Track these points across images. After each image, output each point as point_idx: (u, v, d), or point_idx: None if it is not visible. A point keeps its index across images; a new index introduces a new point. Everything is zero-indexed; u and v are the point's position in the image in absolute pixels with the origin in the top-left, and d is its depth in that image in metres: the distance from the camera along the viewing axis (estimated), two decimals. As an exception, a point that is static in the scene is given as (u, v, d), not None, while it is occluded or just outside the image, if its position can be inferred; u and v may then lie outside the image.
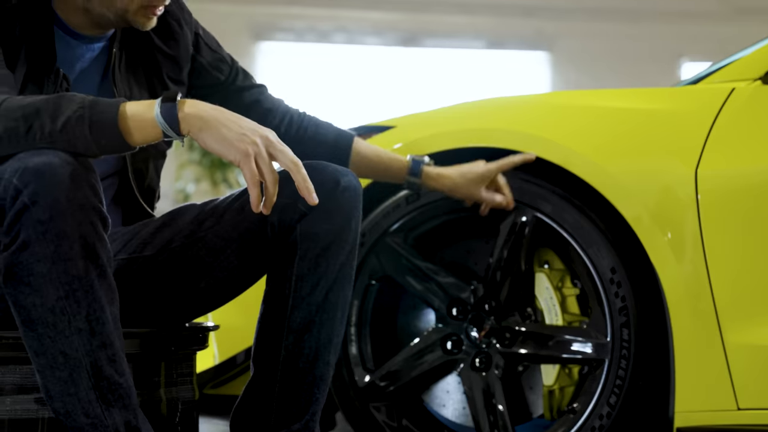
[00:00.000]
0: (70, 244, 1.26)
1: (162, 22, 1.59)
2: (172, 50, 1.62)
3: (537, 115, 1.93)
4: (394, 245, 1.95)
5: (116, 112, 1.30)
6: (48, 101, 1.30)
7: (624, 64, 7.68)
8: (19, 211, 1.26)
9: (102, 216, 1.30)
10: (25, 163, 1.26)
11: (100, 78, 1.56)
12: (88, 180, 1.29)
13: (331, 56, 7.73)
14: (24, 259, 1.27)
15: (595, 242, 1.80)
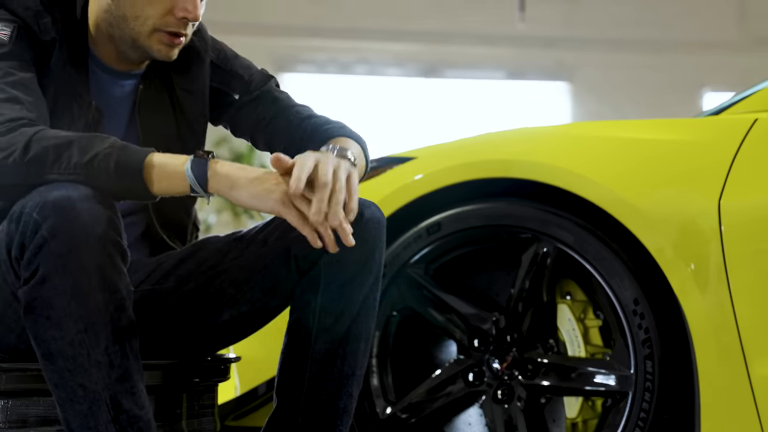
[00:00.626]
0: (88, 277, 1.27)
1: (183, 58, 1.60)
2: (193, 85, 1.62)
3: (559, 147, 1.93)
4: (415, 276, 1.94)
5: (143, 159, 1.32)
6: (82, 137, 1.33)
7: (645, 94, 7.68)
8: (38, 245, 1.27)
9: (121, 249, 1.31)
10: (44, 197, 1.28)
11: (129, 114, 1.57)
12: (107, 214, 1.30)
13: (352, 87, 7.78)
14: (44, 293, 1.27)
15: (617, 273, 1.79)
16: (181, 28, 1.49)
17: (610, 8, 7.70)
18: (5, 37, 1.43)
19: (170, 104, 1.60)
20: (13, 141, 1.32)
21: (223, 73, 1.66)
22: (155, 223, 1.59)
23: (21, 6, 1.46)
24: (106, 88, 1.54)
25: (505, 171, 1.89)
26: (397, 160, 2.01)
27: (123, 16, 1.48)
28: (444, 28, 7.61)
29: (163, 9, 1.47)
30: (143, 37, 1.49)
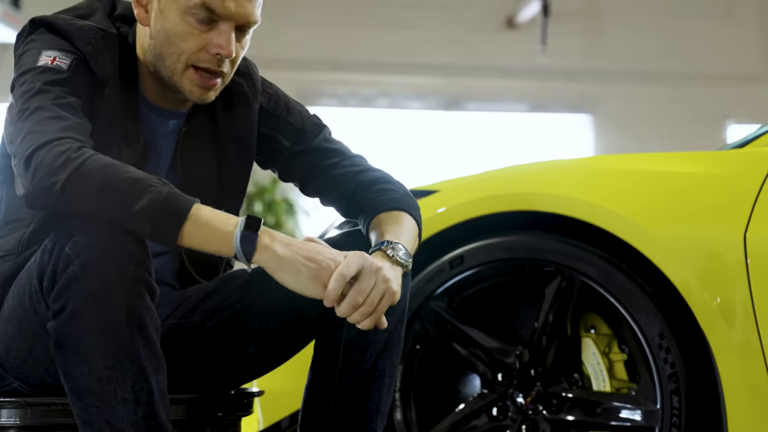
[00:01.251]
0: (117, 315, 1.28)
1: (230, 102, 1.60)
2: (237, 131, 1.60)
3: (582, 180, 1.93)
4: (438, 310, 1.94)
5: (181, 226, 1.30)
6: (125, 179, 1.30)
7: (668, 126, 7.66)
8: (69, 279, 1.28)
9: (150, 288, 1.32)
10: (77, 232, 1.29)
11: (172, 154, 1.57)
12: (137, 252, 1.30)
13: (374, 120, 7.81)
14: (73, 328, 1.28)
15: (642, 307, 1.77)
16: (214, 64, 1.47)
17: (633, 41, 7.71)
18: (64, 65, 1.43)
19: (213, 148, 1.59)
20: (59, 167, 1.30)
21: (274, 119, 1.63)
22: (187, 262, 1.59)
23: (82, 41, 1.47)
24: (152, 126, 1.54)
25: (528, 204, 1.88)
26: (420, 193, 2.01)
27: (160, 54, 1.48)
28: (465, 61, 7.65)
29: (196, 45, 1.46)
30: (177, 76, 1.48)
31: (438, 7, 7.61)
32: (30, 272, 1.36)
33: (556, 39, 7.14)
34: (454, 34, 7.62)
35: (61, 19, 1.49)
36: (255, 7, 1.48)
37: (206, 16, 1.45)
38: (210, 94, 1.51)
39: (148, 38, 1.50)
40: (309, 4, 7.48)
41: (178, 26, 1.46)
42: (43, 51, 1.45)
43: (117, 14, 1.56)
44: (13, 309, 1.40)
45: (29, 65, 1.44)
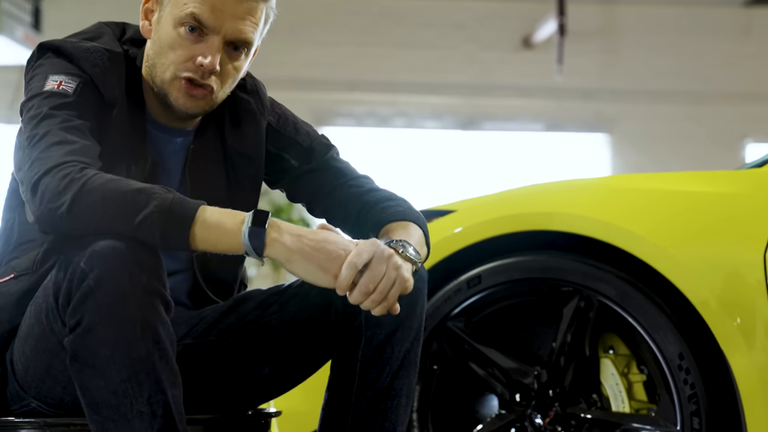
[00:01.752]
0: (132, 327, 1.28)
1: (238, 118, 1.62)
2: (245, 148, 1.61)
3: (599, 199, 1.93)
4: (456, 330, 1.93)
5: (189, 227, 1.31)
6: (128, 192, 1.31)
7: (686, 146, 7.63)
8: (84, 294, 1.28)
9: (165, 300, 1.32)
10: (92, 247, 1.30)
11: (181, 171, 1.58)
12: (151, 265, 1.31)
13: (390, 140, 7.83)
14: (89, 342, 1.29)
15: (661, 327, 1.76)
16: (198, 76, 1.47)
17: (649, 60, 7.70)
18: (70, 89, 1.45)
19: (222, 164, 1.59)
20: (62, 190, 1.32)
21: (281, 138, 1.64)
22: (201, 281, 1.59)
23: (89, 63, 1.48)
24: (159, 144, 1.56)
25: (545, 224, 1.88)
26: (437, 212, 2.01)
27: (154, 64, 1.51)
28: (482, 80, 7.67)
29: (184, 55, 1.48)
30: (166, 85, 1.49)
31: (454, 26, 7.63)
32: (46, 290, 1.37)
33: (573, 58, 7.15)
34: (471, 54, 7.64)
35: (68, 42, 1.51)
36: (246, 24, 1.48)
37: (196, 28, 1.47)
38: (198, 103, 1.51)
39: (149, 50, 1.52)
40: (325, 24, 7.52)
41: (170, 36, 1.48)
42: (50, 75, 1.46)
43: (126, 38, 1.58)
44: (31, 328, 1.40)
45: (36, 90, 1.46)
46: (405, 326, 1.45)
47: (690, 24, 7.69)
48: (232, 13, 1.47)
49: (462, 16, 7.62)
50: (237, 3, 1.47)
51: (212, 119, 1.59)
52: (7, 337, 1.45)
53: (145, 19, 1.53)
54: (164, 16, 1.49)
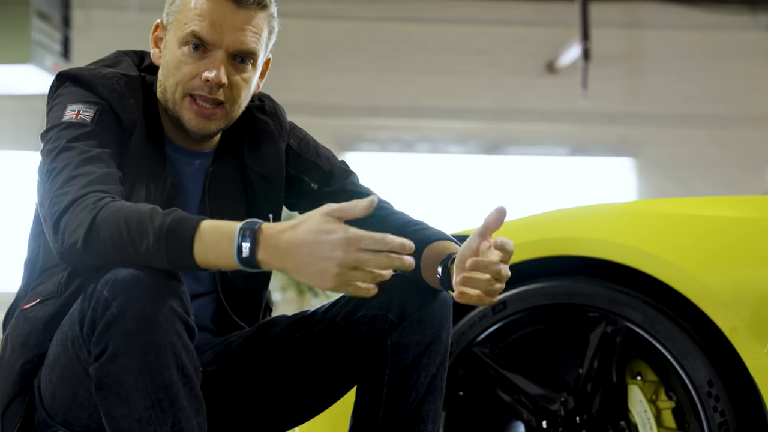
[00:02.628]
0: (156, 354, 1.28)
1: (256, 139, 1.63)
2: (264, 169, 1.62)
3: (625, 224, 1.91)
4: (481, 356, 1.92)
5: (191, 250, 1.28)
6: (130, 218, 1.31)
7: (712, 170, 7.58)
8: (108, 322, 1.29)
9: (189, 326, 1.32)
10: (114, 275, 1.30)
11: (201, 193, 1.59)
12: (174, 291, 1.31)
13: (414, 165, 7.84)
14: (113, 370, 1.29)
15: (689, 353, 1.74)
16: (206, 91, 1.49)
17: (674, 84, 7.68)
18: (87, 118, 1.47)
19: (241, 185, 1.61)
20: (77, 227, 1.33)
21: (302, 161, 1.66)
22: (225, 305, 1.60)
23: (107, 88, 1.51)
24: (178, 167, 1.57)
25: (570, 249, 1.87)
26: (462, 238, 2.00)
27: (164, 87, 1.53)
28: (506, 105, 7.67)
29: (189, 73, 1.50)
30: (177, 106, 1.51)
31: (477, 52, 7.66)
32: (72, 318, 1.38)
33: (597, 83, 7.14)
34: (495, 79, 7.65)
35: (85, 70, 1.53)
36: (247, 35, 1.50)
37: (198, 45, 1.49)
38: (210, 124, 1.52)
39: (159, 76, 1.54)
40: (348, 51, 7.57)
41: (176, 56, 1.51)
42: (68, 105, 1.48)
43: (144, 65, 1.61)
44: (57, 356, 1.41)
45: (55, 121, 1.48)
46: (431, 351, 1.44)
47: (715, 48, 7.67)
48: (231, 25, 1.49)
49: (484, 42, 7.64)
50: (234, 14, 1.49)
51: (231, 140, 1.61)
52: (36, 362, 1.46)
53: (155, 46, 1.57)
54: (169, 40, 1.53)
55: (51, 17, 5.11)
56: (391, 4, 7.51)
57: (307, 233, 1.25)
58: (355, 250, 1.23)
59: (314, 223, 1.25)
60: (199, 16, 1.48)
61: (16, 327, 1.49)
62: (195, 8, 1.49)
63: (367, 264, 1.23)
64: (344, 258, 1.22)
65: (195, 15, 1.49)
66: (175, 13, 1.52)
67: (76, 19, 5.68)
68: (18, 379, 1.46)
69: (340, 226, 1.25)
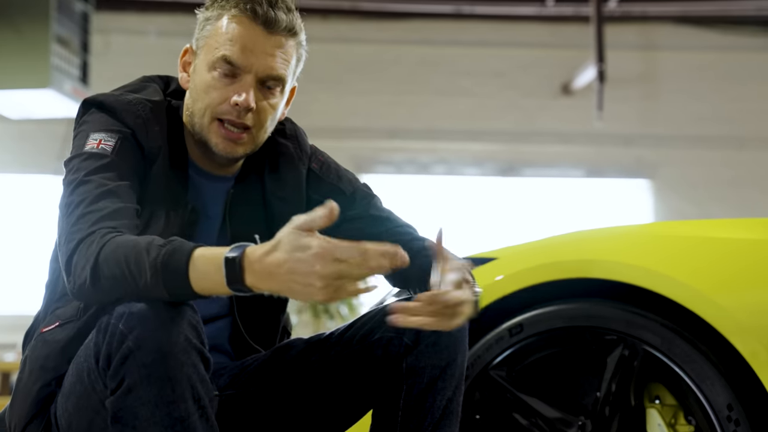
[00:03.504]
0: (172, 386, 1.28)
1: (276, 163, 1.64)
2: (284, 193, 1.63)
3: (642, 246, 1.91)
4: (498, 378, 1.91)
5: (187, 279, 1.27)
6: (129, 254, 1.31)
7: (729, 191, 7.54)
8: (124, 355, 1.29)
9: (204, 357, 1.32)
10: (129, 308, 1.30)
11: (221, 217, 1.60)
12: (189, 321, 1.31)
13: (431, 187, 7.84)
14: (129, 403, 1.29)
15: (708, 377, 1.73)
16: (234, 115, 1.50)
17: (689, 106, 7.66)
18: (108, 148, 1.48)
19: (262, 209, 1.61)
20: (83, 267, 1.34)
21: (323, 184, 1.66)
22: (242, 328, 1.60)
23: (131, 115, 1.52)
24: (201, 190, 1.58)
25: (587, 271, 1.86)
26: (478, 260, 2.01)
27: (192, 111, 1.54)
28: (521, 127, 7.67)
29: (219, 97, 1.51)
30: (205, 130, 1.52)
31: (493, 74, 7.67)
32: (87, 350, 1.38)
33: (613, 104, 7.13)
34: (510, 101, 7.66)
35: (110, 96, 1.54)
36: (277, 61, 1.51)
37: (228, 70, 1.50)
38: (237, 148, 1.53)
39: (187, 101, 1.55)
40: (364, 74, 7.61)
41: (205, 80, 1.51)
42: (91, 134, 1.49)
43: (170, 90, 1.62)
44: (73, 386, 1.42)
45: (77, 150, 1.49)
46: (447, 375, 1.44)
47: (730, 69, 7.65)
48: (261, 50, 1.50)
49: (500, 64, 7.66)
50: (265, 39, 1.50)
51: (252, 164, 1.61)
52: (53, 386, 1.47)
53: (183, 71, 1.58)
54: (199, 64, 1.54)
55: (70, 42, 5.17)
56: (409, 27, 7.55)
57: (284, 252, 1.23)
58: (331, 261, 1.20)
59: (287, 240, 1.23)
60: (231, 41, 1.50)
61: (34, 349, 1.50)
62: (226, 33, 1.50)
63: (349, 273, 1.21)
64: (323, 271, 1.20)
65: (226, 39, 1.50)
66: (206, 38, 1.54)
67: (95, 44, 5.74)
68: (35, 402, 1.47)
69: (313, 238, 1.22)
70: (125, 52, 6.97)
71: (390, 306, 1.31)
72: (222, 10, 1.53)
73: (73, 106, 5.19)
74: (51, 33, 4.87)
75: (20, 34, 4.86)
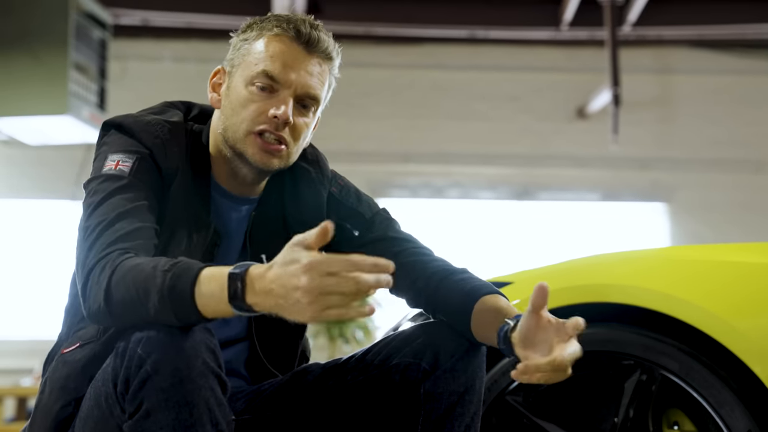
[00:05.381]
0: (190, 410, 1.28)
1: (296, 187, 1.64)
2: (305, 216, 1.64)
3: (659, 270, 1.90)
4: (515, 404, 1.90)
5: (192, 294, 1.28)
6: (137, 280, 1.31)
7: (746, 214, 7.49)
8: (142, 380, 1.29)
9: (221, 380, 1.32)
10: (147, 333, 1.31)
11: (243, 239, 1.61)
12: (207, 345, 1.31)
13: (445, 211, 7.84)
14: (147, 427, 1.29)
15: (727, 402, 1.71)
16: (272, 127, 1.52)
17: (705, 129, 7.64)
18: (126, 168, 1.49)
19: (282, 232, 1.62)
20: (96, 294, 1.35)
21: (343, 208, 1.67)
22: (259, 352, 1.60)
23: (150, 135, 1.53)
24: (223, 212, 1.59)
25: (604, 295, 1.85)
26: (494, 284, 2.00)
27: (226, 127, 1.55)
28: (536, 151, 7.67)
29: (256, 111, 1.53)
30: (240, 142, 1.53)
31: (508, 98, 7.69)
32: (105, 375, 1.38)
33: (629, 128, 7.12)
34: (525, 125, 7.66)
35: (129, 117, 1.56)
36: (314, 80, 1.54)
37: (267, 84, 1.52)
38: (273, 160, 1.54)
39: (219, 119, 1.56)
40: (379, 98, 7.63)
41: (242, 95, 1.53)
42: (109, 155, 1.51)
43: (192, 115, 1.63)
44: (91, 410, 1.42)
45: (96, 172, 1.51)
46: (465, 401, 1.43)
47: (746, 93, 7.63)
48: (301, 68, 1.53)
49: (515, 88, 7.67)
50: (304, 59, 1.53)
51: (274, 187, 1.63)
52: (73, 407, 1.47)
53: (213, 91, 1.60)
54: (234, 81, 1.55)
55: (88, 69, 5.22)
56: (423, 52, 7.58)
57: (276, 266, 1.22)
58: (319, 274, 1.17)
59: (281, 256, 1.23)
60: (271, 57, 1.53)
61: (55, 371, 1.51)
62: (267, 50, 1.53)
63: (338, 287, 1.17)
64: (310, 284, 1.17)
65: (267, 56, 1.53)
66: (243, 56, 1.56)
67: (112, 70, 5.79)
68: (55, 423, 1.47)
69: (305, 253, 1.20)
70: (141, 77, 7.03)
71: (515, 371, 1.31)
72: (261, 30, 1.56)
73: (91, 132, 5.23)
74: (69, 60, 4.92)
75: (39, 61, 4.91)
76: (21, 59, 4.88)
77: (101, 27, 5.39)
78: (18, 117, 4.94)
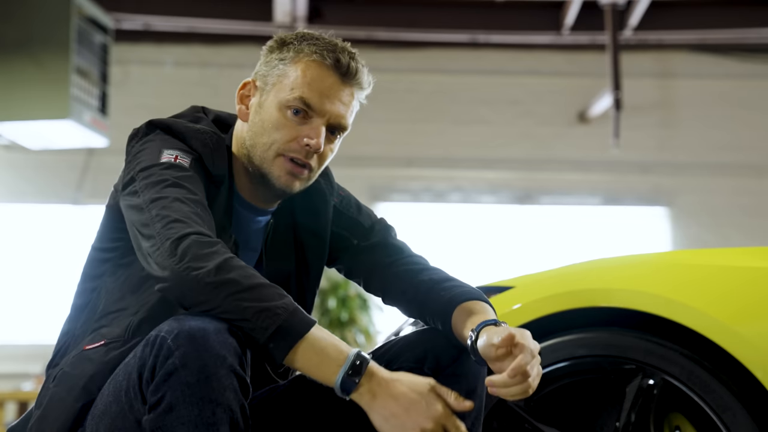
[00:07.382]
0: (213, 409, 1.28)
1: (310, 199, 1.65)
2: (314, 226, 1.66)
3: (661, 275, 1.90)
4: (516, 408, 1.90)
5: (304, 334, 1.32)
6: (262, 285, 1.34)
7: (748, 219, 7.49)
8: (168, 372, 1.29)
9: (245, 384, 1.32)
10: (181, 325, 1.31)
11: (259, 250, 1.63)
12: (235, 348, 1.31)
13: (447, 215, 7.84)
14: (168, 421, 1.29)
15: (729, 407, 1.71)
16: (302, 155, 1.54)
17: (706, 133, 7.64)
18: (185, 164, 1.50)
19: (293, 244, 1.65)
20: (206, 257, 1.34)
21: (345, 219, 1.70)
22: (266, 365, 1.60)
23: (200, 142, 1.54)
24: (243, 223, 1.61)
25: (605, 300, 1.85)
26: (496, 289, 2.00)
27: (253, 144, 1.56)
28: (538, 155, 7.67)
29: (288, 135, 1.54)
30: (267, 163, 1.54)
31: (509, 102, 7.69)
32: (128, 367, 1.38)
33: (630, 132, 7.12)
34: (527, 129, 7.67)
35: (177, 122, 1.57)
36: (347, 111, 1.56)
37: (302, 110, 1.53)
38: (296, 183, 1.56)
39: (245, 132, 1.57)
40: (380, 102, 7.63)
41: (274, 117, 1.54)
42: (164, 150, 1.51)
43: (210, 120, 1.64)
44: (108, 406, 1.41)
45: (151, 161, 1.49)
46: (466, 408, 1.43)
47: (747, 97, 7.63)
48: (336, 98, 1.55)
49: (516, 93, 7.67)
50: (340, 88, 1.55)
51: (287, 199, 1.64)
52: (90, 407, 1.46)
53: (240, 103, 1.60)
54: (268, 100, 1.56)
55: (89, 74, 5.23)
56: (424, 56, 7.59)
57: (413, 392, 1.31)
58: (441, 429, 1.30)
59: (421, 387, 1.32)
60: (309, 84, 1.53)
61: (75, 366, 1.48)
62: (305, 76, 1.54)
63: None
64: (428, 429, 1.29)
65: (305, 82, 1.54)
66: (278, 76, 1.56)
67: (114, 75, 5.80)
68: (74, 421, 1.45)
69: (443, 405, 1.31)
70: (143, 82, 7.04)
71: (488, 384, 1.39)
72: (299, 53, 1.56)
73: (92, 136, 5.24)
74: (71, 64, 4.93)
75: (40, 65, 4.92)
76: (23, 64, 4.89)
77: (103, 31, 5.40)
78: (20, 121, 4.95)
